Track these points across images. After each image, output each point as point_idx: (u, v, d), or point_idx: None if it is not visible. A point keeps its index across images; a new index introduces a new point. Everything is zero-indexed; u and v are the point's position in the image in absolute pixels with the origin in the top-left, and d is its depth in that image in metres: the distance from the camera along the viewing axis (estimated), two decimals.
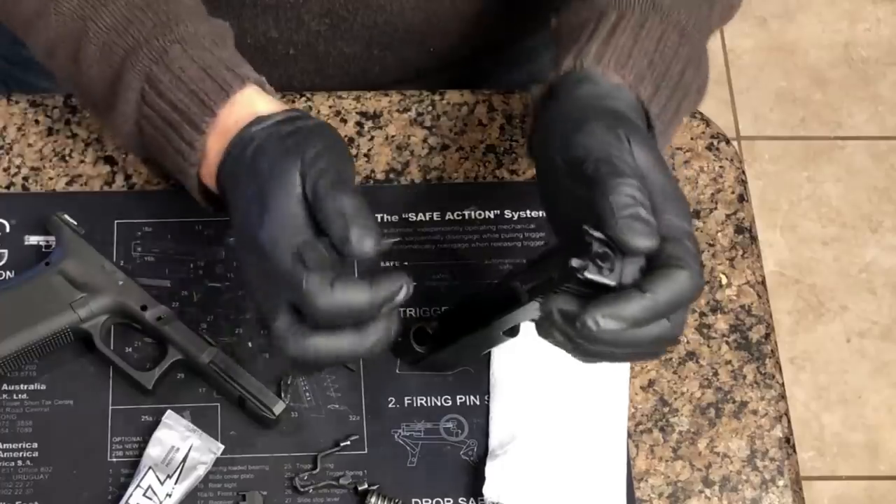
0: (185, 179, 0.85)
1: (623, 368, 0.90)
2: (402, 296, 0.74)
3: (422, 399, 0.89)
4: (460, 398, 0.90)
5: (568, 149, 0.77)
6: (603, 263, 0.73)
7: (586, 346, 0.75)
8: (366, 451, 0.88)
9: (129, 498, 0.84)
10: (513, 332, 0.83)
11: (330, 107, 1.00)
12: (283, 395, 0.87)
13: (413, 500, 0.87)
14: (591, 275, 0.72)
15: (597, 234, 0.73)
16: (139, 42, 0.84)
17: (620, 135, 0.77)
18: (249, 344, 0.90)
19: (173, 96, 0.83)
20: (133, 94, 0.84)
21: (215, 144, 0.82)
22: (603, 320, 0.72)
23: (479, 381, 0.90)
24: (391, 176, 0.98)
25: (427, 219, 0.95)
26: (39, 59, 0.94)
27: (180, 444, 0.86)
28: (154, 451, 0.85)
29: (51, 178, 0.96)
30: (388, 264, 0.92)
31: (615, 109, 0.81)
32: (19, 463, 0.86)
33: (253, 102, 0.83)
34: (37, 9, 0.88)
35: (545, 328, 0.76)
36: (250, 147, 0.80)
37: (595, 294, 0.73)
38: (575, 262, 0.72)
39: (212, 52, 0.84)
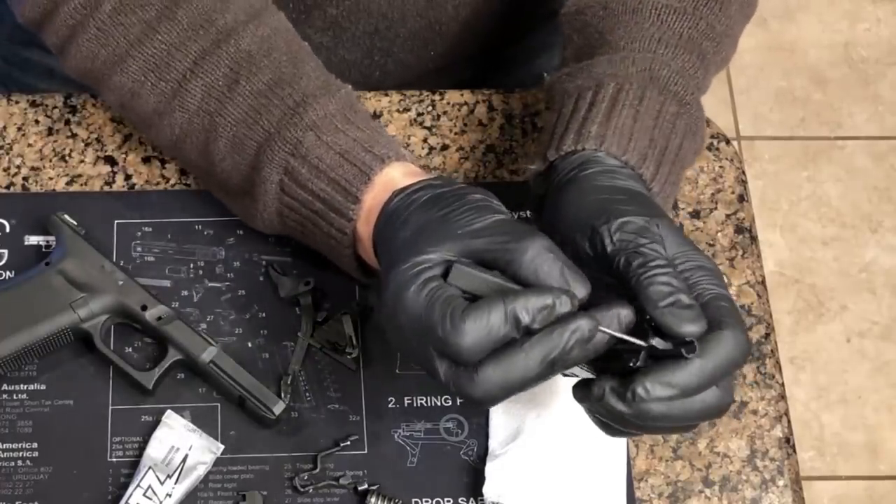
0: (340, 261, 0.86)
1: None
2: (546, 301, 0.71)
3: (422, 399, 0.89)
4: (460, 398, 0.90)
5: (595, 241, 0.76)
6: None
7: (635, 423, 0.73)
8: (366, 451, 0.88)
9: (129, 498, 0.84)
10: None
11: None
12: (283, 395, 0.87)
13: (413, 500, 0.87)
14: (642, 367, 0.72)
15: (660, 343, 0.72)
16: (270, 134, 0.84)
17: (647, 221, 0.76)
18: (249, 344, 0.90)
19: (314, 186, 0.83)
20: (272, 186, 0.85)
21: (364, 229, 0.82)
22: (653, 386, 0.71)
23: None
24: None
25: None
26: (163, 149, 0.94)
27: (180, 444, 0.86)
28: (154, 451, 0.85)
29: (51, 178, 0.96)
30: None
31: (631, 190, 0.80)
32: (19, 463, 0.86)
33: (391, 178, 0.82)
34: (157, 107, 0.88)
35: (588, 401, 0.74)
36: (393, 216, 0.79)
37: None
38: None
39: (346, 132, 0.84)
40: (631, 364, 0.72)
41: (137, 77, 0.87)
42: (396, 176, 0.82)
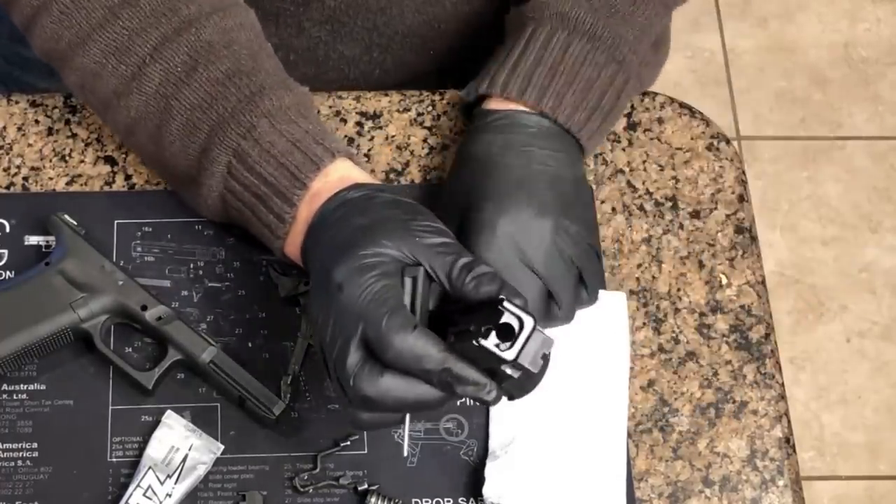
0: (270, 248, 0.86)
1: (623, 369, 0.90)
2: (472, 391, 0.75)
3: None
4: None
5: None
6: (503, 340, 0.72)
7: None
8: (366, 451, 0.88)
9: (129, 498, 0.84)
10: None
11: (330, 107, 1.00)
12: (283, 395, 0.87)
13: (413, 500, 0.87)
14: (484, 342, 0.72)
15: (511, 307, 0.73)
16: (224, 118, 0.85)
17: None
18: (249, 344, 0.90)
19: (262, 170, 0.84)
20: (219, 169, 0.85)
21: (304, 211, 0.83)
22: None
23: None
24: (391, 176, 0.98)
25: None
26: (120, 137, 0.94)
27: (180, 444, 0.86)
28: (154, 451, 0.85)
29: (51, 178, 0.96)
30: None
31: (476, 156, 0.88)
32: (19, 463, 0.86)
33: (348, 172, 0.84)
34: (116, 89, 0.88)
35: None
36: (349, 204, 0.81)
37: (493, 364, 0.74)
38: (472, 328, 0.73)
39: (298, 124, 0.85)
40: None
41: (99, 59, 0.88)
42: (351, 170, 0.84)
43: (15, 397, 0.88)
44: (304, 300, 0.91)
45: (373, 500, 0.85)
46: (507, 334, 0.72)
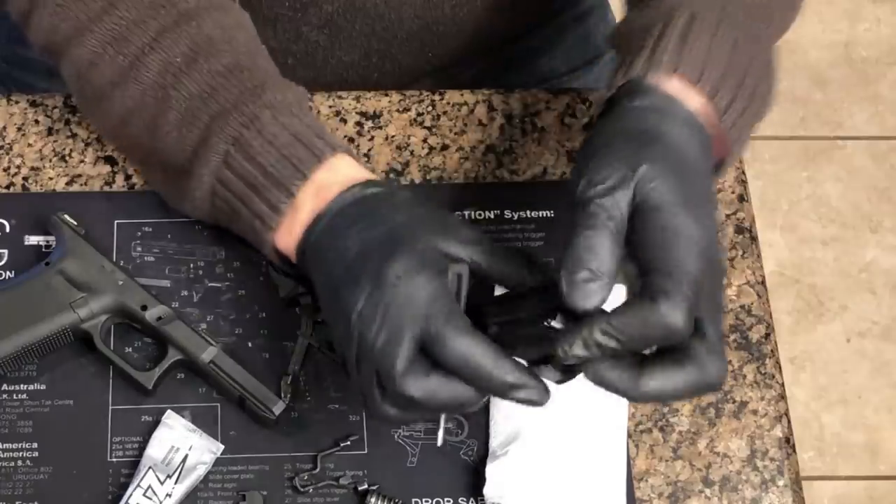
0: (258, 241, 0.85)
1: None
2: (524, 395, 0.75)
3: None
4: None
5: (576, 182, 0.76)
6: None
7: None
8: (366, 451, 0.88)
9: (129, 498, 0.84)
10: None
11: (330, 107, 1.00)
12: (283, 395, 0.87)
13: (413, 500, 0.87)
14: (555, 324, 0.73)
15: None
16: (226, 108, 0.84)
17: (626, 171, 0.75)
18: (249, 344, 0.90)
19: (263, 160, 0.83)
20: (216, 158, 0.84)
21: (309, 203, 0.82)
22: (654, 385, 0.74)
23: None
24: (391, 176, 0.98)
25: None
26: (107, 130, 0.93)
27: (180, 444, 0.86)
28: (154, 451, 0.86)
29: (51, 178, 0.96)
30: None
31: (648, 131, 0.78)
32: (19, 463, 0.86)
33: (355, 166, 0.84)
34: (113, 79, 0.87)
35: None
36: (375, 199, 0.80)
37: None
38: (525, 315, 0.75)
39: (300, 119, 0.85)
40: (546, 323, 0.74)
41: (96, 49, 0.87)
42: (358, 166, 0.84)
43: (15, 397, 0.88)
44: (304, 300, 0.91)
45: (373, 500, 0.85)
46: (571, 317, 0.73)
